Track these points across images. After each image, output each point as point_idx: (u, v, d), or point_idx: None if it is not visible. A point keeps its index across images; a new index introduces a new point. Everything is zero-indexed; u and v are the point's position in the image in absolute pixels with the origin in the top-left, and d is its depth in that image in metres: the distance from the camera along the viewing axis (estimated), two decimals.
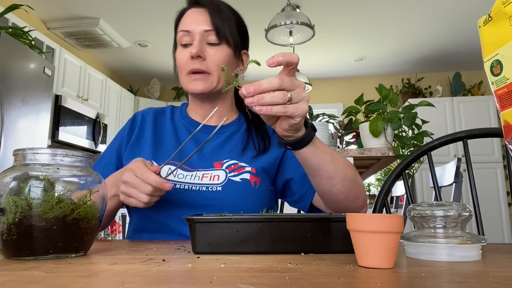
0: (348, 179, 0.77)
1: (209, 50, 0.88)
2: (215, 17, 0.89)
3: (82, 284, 0.36)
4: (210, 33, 0.88)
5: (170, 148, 0.93)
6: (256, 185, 0.86)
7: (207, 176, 0.86)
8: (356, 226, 0.46)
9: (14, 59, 2.49)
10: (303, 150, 0.69)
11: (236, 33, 0.92)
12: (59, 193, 0.51)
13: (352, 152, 2.11)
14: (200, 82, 0.88)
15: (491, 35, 0.49)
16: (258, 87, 0.58)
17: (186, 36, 0.89)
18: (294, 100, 0.60)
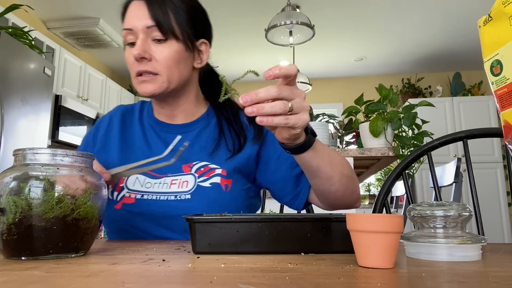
0: (345, 177, 0.77)
1: (154, 48, 0.80)
2: (156, 10, 0.80)
3: (82, 284, 0.36)
4: (153, 29, 0.79)
5: (139, 153, 0.88)
6: (227, 188, 0.83)
7: (175, 183, 0.83)
8: (356, 226, 0.46)
9: (14, 59, 2.49)
10: (303, 155, 0.68)
11: (185, 23, 0.82)
12: (59, 193, 0.51)
13: (352, 152, 2.11)
14: (148, 84, 0.81)
15: (491, 35, 0.49)
16: (255, 96, 0.55)
17: (129, 34, 0.81)
18: (295, 110, 0.57)
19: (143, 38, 0.79)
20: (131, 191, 0.83)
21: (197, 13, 0.87)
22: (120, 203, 0.82)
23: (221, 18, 3.90)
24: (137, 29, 0.80)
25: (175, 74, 0.82)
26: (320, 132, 2.23)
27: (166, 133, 0.91)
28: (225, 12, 3.80)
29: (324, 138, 2.24)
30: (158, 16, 0.79)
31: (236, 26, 4.08)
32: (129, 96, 5.08)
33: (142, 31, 0.79)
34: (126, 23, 0.82)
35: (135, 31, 0.80)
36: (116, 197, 0.83)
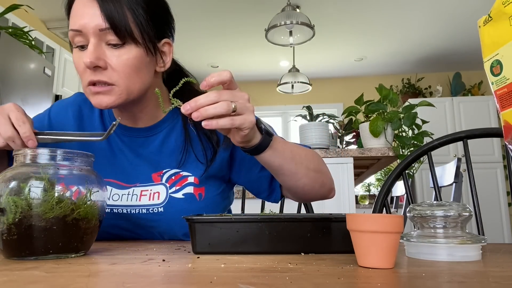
0: (312, 171, 0.77)
1: (110, 53, 0.68)
2: (110, 8, 0.67)
3: (82, 284, 0.36)
4: (106, 31, 0.67)
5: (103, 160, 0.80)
6: (201, 197, 0.79)
7: (145, 194, 0.78)
8: (356, 226, 0.46)
9: (14, 59, 2.49)
10: (262, 155, 0.68)
11: (145, 22, 0.70)
12: (59, 193, 0.51)
13: (352, 152, 2.11)
14: (103, 96, 0.69)
15: (491, 35, 0.49)
16: (194, 103, 0.55)
17: (77, 36, 0.69)
18: (239, 111, 0.58)
19: (96, 43, 0.67)
20: None
21: (157, 8, 0.74)
22: None
23: (221, 18, 3.90)
24: (87, 31, 0.67)
25: (135, 83, 0.71)
26: (320, 132, 2.23)
27: (130, 137, 0.83)
28: (225, 12, 3.80)
29: (324, 138, 2.24)
30: (113, 16, 0.67)
31: (236, 26, 4.09)
32: None
33: (94, 34, 0.67)
34: (73, 22, 0.69)
35: (85, 32, 0.68)
36: None
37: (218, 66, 5.16)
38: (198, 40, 4.41)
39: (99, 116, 0.85)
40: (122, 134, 0.82)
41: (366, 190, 4.94)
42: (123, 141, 0.82)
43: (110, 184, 0.79)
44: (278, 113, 5.74)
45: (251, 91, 5.44)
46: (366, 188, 4.94)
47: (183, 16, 3.88)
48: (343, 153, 2.13)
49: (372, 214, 0.47)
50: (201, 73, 5.38)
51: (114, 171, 0.80)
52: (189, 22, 4.00)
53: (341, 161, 2.11)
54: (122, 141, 0.82)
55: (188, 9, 3.75)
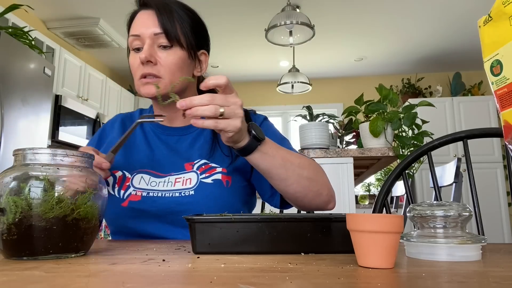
0: (304, 179, 0.80)
1: (160, 53, 0.85)
2: (164, 19, 0.85)
3: (82, 284, 0.36)
4: (160, 36, 0.84)
5: (142, 155, 0.92)
6: (228, 184, 0.87)
7: (179, 181, 0.86)
8: (356, 226, 0.46)
9: (14, 59, 2.49)
10: (249, 157, 0.75)
11: (189, 33, 0.88)
12: (59, 193, 0.51)
13: (352, 152, 2.11)
14: (152, 86, 0.85)
15: (491, 35, 0.49)
16: (190, 101, 0.64)
17: (136, 40, 0.86)
18: (226, 115, 0.65)
19: (150, 44, 0.84)
20: (137, 189, 0.86)
21: (199, 26, 0.92)
22: (126, 201, 0.85)
23: (221, 18, 3.90)
24: (144, 35, 0.84)
25: (177, 79, 0.86)
26: (320, 132, 2.23)
27: (166, 135, 0.95)
28: (225, 12, 3.80)
29: (324, 138, 2.24)
30: (166, 24, 0.84)
31: (236, 26, 4.09)
32: (129, 96, 5.08)
33: (149, 37, 0.84)
34: (133, 29, 0.87)
35: (142, 37, 0.85)
36: (122, 195, 0.86)
37: (218, 66, 5.16)
38: None
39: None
40: (160, 133, 0.96)
41: (366, 190, 4.94)
42: (160, 139, 0.95)
43: (148, 174, 0.89)
44: (278, 113, 5.74)
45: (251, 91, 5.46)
46: (366, 188, 4.94)
47: None
48: (343, 153, 2.13)
49: (372, 214, 0.47)
50: None
51: (151, 163, 0.90)
52: None
53: (341, 161, 2.11)
54: (159, 139, 0.95)
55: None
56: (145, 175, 0.88)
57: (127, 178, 0.88)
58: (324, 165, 2.12)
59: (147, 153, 0.93)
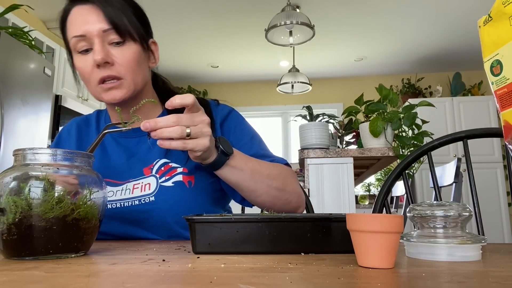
0: (273, 190, 0.79)
1: (114, 51, 0.77)
2: (109, 12, 0.76)
3: (82, 284, 0.36)
4: (109, 32, 0.76)
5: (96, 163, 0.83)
6: (191, 184, 0.83)
7: (137, 187, 0.82)
8: (356, 226, 0.46)
9: (14, 59, 2.49)
10: (218, 172, 0.74)
11: (137, 23, 0.81)
12: (59, 193, 0.51)
13: (352, 152, 2.12)
14: (116, 91, 0.78)
15: (491, 35, 0.49)
16: (154, 124, 0.61)
17: (81, 41, 0.77)
18: (193, 135, 0.64)
19: (101, 42, 0.76)
20: None
21: (141, 13, 0.85)
22: None
23: (221, 18, 3.90)
24: (91, 34, 0.76)
25: (138, 76, 0.81)
26: (320, 132, 2.23)
27: (125, 138, 0.89)
28: (225, 12, 3.80)
29: (324, 138, 2.24)
30: (114, 18, 0.76)
31: (236, 26, 4.08)
32: None
33: (98, 36, 0.76)
34: (74, 29, 0.77)
35: (89, 36, 0.76)
36: None
37: (218, 66, 5.16)
38: (198, 40, 4.41)
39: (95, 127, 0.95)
40: (119, 136, 0.90)
41: (366, 190, 4.94)
42: (118, 143, 0.89)
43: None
44: (278, 113, 5.74)
45: (251, 91, 5.45)
46: (366, 188, 4.94)
47: (183, 16, 3.88)
48: (343, 153, 2.13)
49: (372, 214, 0.47)
50: (201, 73, 5.38)
51: (107, 171, 0.84)
52: (189, 22, 4.00)
53: (341, 161, 2.11)
54: (118, 143, 0.89)
55: (188, 9, 3.75)
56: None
57: None
58: (324, 165, 2.13)
59: (102, 160, 0.87)
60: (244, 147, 0.85)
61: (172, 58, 4.78)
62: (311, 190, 2.10)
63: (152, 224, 0.81)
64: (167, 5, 3.61)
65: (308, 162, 2.14)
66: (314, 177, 2.11)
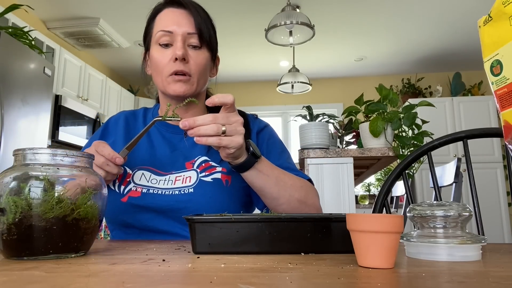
0: (295, 201, 0.82)
1: (190, 52, 0.88)
2: (198, 20, 0.88)
3: (82, 284, 0.36)
4: (192, 36, 0.87)
5: (143, 153, 0.92)
6: (228, 183, 0.88)
7: (179, 179, 0.87)
8: (356, 226, 0.46)
9: (14, 59, 2.49)
10: (245, 174, 0.78)
11: (214, 36, 0.93)
12: (59, 193, 0.51)
13: (352, 152, 2.11)
14: (182, 84, 0.87)
15: (491, 35, 0.49)
16: (193, 122, 0.68)
17: (166, 36, 0.87)
18: (228, 133, 0.69)
19: (183, 42, 0.86)
20: (138, 185, 0.86)
21: (215, 30, 0.96)
22: (126, 196, 0.86)
23: (221, 18, 3.90)
24: (177, 33, 0.87)
25: (202, 78, 0.90)
26: (320, 132, 2.23)
27: (171, 133, 0.96)
28: (225, 12, 3.80)
29: (324, 138, 2.24)
30: (200, 25, 0.88)
31: (236, 26, 4.09)
32: (129, 96, 5.08)
33: (182, 36, 0.86)
34: (163, 25, 0.88)
35: (174, 34, 0.87)
36: (122, 191, 0.86)
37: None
38: None
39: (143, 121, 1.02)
40: (165, 132, 0.96)
41: (366, 190, 4.94)
42: (164, 137, 0.96)
43: (149, 171, 0.90)
44: (278, 113, 5.74)
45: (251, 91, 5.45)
46: (366, 188, 4.94)
47: None
48: (343, 153, 2.12)
49: (372, 214, 0.47)
50: None
51: (153, 161, 0.91)
52: None
53: (341, 161, 2.11)
54: (163, 137, 0.96)
55: None
56: (146, 172, 0.89)
57: (128, 174, 0.88)
58: (324, 165, 2.13)
59: (149, 150, 0.93)
60: (273, 157, 0.91)
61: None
62: None
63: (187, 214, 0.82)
64: None
65: (308, 162, 2.14)
66: (314, 177, 2.11)
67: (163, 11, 0.91)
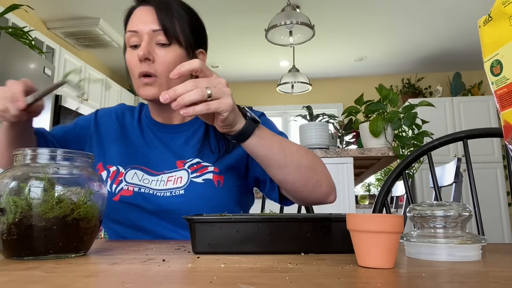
0: (304, 167, 0.77)
1: (158, 51, 0.83)
2: (163, 16, 0.83)
3: (82, 284, 0.36)
4: (158, 33, 0.82)
5: (137, 151, 0.92)
6: (220, 184, 0.85)
7: (171, 180, 0.85)
8: (356, 226, 0.46)
9: (14, 59, 2.49)
10: (247, 142, 0.71)
11: (188, 31, 0.86)
12: (59, 193, 0.51)
13: (352, 152, 2.11)
14: (150, 87, 0.83)
15: (491, 35, 0.49)
16: (173, 92, 0.60)
17: (133, 36, 0.84)
18: (215, 95, 0.61)
19: (148, 41, 0.82)
20: (129, 184, 0.86)
21: (197, 24, 0.91)
22: (118, 195, 0.85)
23: (221, 18, 3.90)
24: (142, 32, 0.83)
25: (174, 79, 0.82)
26: (320, 132, 2.23)
27: (162, 133, 0.94)
28: (225, 12, 3.80)
29: (324, 138, 2.24)
30: (165, 21, 0.83)
31: (236, 26, 4.09)
32: (129, 96, 5.08)
33: (148, 34, 0.82)
34: (131, 25, 0.85)
35: (140, 33, 0.83)
36: (114, 190, 0.86)
37: (218, 66, 5.15)
38: None
39: (137, 119, 0.99)
40: (157, 130, 0.94)
41: (366, 190, 4.94)
42: (156, 136, 0.94)
43: (142, 170, 0.88)
44: (278, 113, 5.74)
45: (251, 91, 5.45)
46: (366, 188, 4.94)
47: None
48: (343, 153, 2.12)
49: (372, 214, 0.47)
50: None
51: (145, 160, 0.90)
52: None
53: (341, 161, 2.11)
54: (155, 136, 0.94)
55: None
56: (139, 171, 0.88)
57: (121, 173, 0.88)
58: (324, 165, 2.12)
59: (143, 149, 0.92)
60: None
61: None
62: None
63: (178, 216, 0.83)
64: None
65: None
66: None
67: (134, 11, 0.87)
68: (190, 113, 0.60)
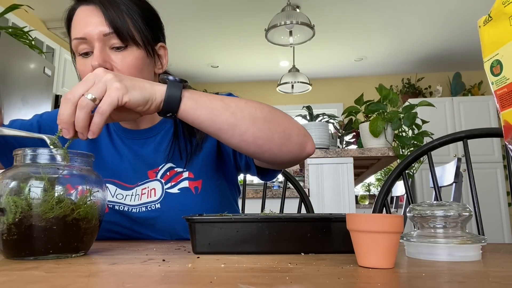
0: (260, 120, 0.66)
1: (114, 57, 0.72)
2: (112, 15, 0.71)
3: (82, 284, 0.36)
4: (110, 36, 0.71)
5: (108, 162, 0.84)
6: (198, 190, 0.80)
7: (145, 193, 0.80)
8: (356, 226, 0.46)
9: (14, 59, 2.49)
10: (182, 109, 0.61)
11: (143, 27, 0.75)
12: (59, 193, 0.51)
13: (352, 152, 2.12)
14: None
15: (491, 35, 0.49)
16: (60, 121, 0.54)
17: (82, 43, 0.72)
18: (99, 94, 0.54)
19: (101, 47, 0.71)
20: None
21: (151, 15, 0.80)
22: None
23: (221, 18, 3.90)
24: (91, 37, 0.71)
25: None
26: (320, 132, 2.23)
27: (131, 139, 0.86)
28: (225, 12, 3.80)
29: (324, 138, 2.24)
30: (115, 22, 0.72)
31: (236, 26, 4.09)
32: None
33: (98, 39, 0.71)
34: (76, 31, 0.73)
35: (89, 39, 0.72)
36: None
37: (218, 66, 5.16)
38: (198, 40, 4.41)
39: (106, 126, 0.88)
40: (125, 137, 0.86)
41: (366, 190, 4.94)
42: (125, 144, 0.86)
43: (114, 184, 0.82)
44: None
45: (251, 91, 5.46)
46: (366, 188, 4.94)
47: (183, 16, 3.88)
48: (343, 153, 2.13)
49: (372, 214, 0.47)
50: (201, 73, 5.38)
51: (117, 173, 0.83)
52: (189, 22, 4.00)
53: (341, 161, 2.11)
54: (124, 144, 0.86)
55: (188, 9, 3.75)
56: (111, 185, 0.82)
57: None
58: (324, 165, 2.13)
59: (114, 160, 0.84)
60: None
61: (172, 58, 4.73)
62: (311, 190, 2.10)
63: (158, 228, 0.81)
64: (167, 5, 3.61)
65: (308, 162, 2.14)
66: (314, 177, 2.11)
67: (75, 12, 0.75)
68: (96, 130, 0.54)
